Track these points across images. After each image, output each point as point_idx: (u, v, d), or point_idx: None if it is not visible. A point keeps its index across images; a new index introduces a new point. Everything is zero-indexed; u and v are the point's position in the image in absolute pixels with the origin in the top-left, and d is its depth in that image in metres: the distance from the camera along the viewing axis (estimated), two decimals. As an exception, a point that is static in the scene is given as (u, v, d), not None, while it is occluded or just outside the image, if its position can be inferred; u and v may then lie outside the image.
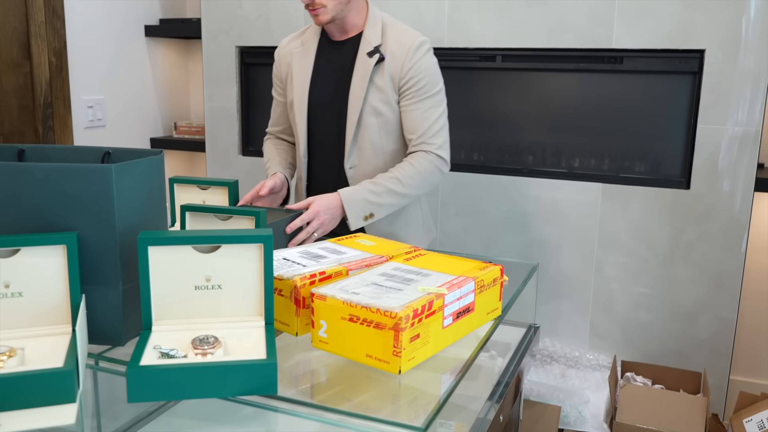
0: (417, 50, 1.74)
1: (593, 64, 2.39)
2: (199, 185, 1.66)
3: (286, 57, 1.89)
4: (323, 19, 1.72)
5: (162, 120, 3.28)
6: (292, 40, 1.91)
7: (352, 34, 1.80)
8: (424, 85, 1.74)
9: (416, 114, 1.75)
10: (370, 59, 1.74)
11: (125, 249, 1.01)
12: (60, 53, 2.61)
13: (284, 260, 1.17)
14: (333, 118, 1.81)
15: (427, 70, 1.75)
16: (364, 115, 1.76)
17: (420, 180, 1.73)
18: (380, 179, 1.71)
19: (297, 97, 1.84)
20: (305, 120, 1.83)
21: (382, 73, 1.74)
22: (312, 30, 1.87)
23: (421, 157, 1.74)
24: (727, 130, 2.24)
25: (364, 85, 1.74)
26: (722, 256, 2.30)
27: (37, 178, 0.97)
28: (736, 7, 2.17)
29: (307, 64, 1.83)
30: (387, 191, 1.70)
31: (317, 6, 1.70)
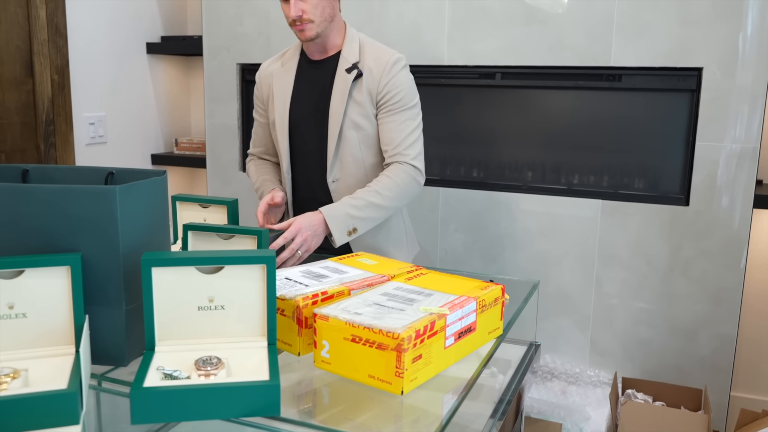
0: (393, 66, 1.80)
1: (592, 81, 2.41)
2: (200, 203, 1.68)
3: (267, 78, 1.94)
4: (309, 35, 1.77)
5: (163, 136, 3.29)
6: (272, 62, 1.97)
7: (331, 53, 1.86)
8: (400, 99, 1.80)
9: (392, 126, 1.81)
10: (349, 75, 1.80)
11: (129, 269, 1.01)
12: (62, 71, 2.63)
13: (286, 280, 1.18)
14: (314, 134, 1.86)
15: (402, 85, 1.81)
16: (344, 129, 1.81)
17: (398, 191, 1.77)
18: (360, 194, 1.74)
19: (278, 115, 1.89)
20: (287, 136, 1.88)
21: (360, 88, 1.80)
22: (291, 52, 1.93)
23: (397, 169, 1.79)
24: (726, 146, 2.25)
25: (343, 100, 1.79)
26: (722, 273, 2.31)
27: (42, 199, 0.98)
28: (733, 25, 2.19)
29: (287, 83, 1.89)
30: (368, 204, 1.73)
31: (305, 21, 1.74)
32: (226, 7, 2.88)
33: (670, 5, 2.25)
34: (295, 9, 1.73)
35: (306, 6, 1.74)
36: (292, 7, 1.73)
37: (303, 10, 1.73)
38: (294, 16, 1.73)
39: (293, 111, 1.88)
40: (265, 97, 1.96)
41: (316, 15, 1.75)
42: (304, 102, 1.87)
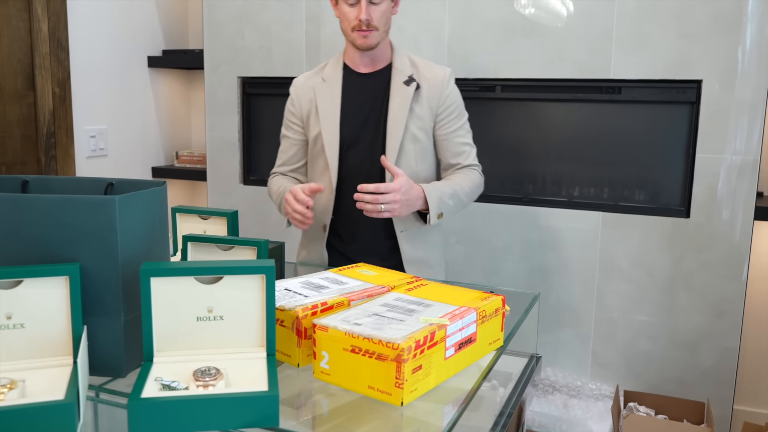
0: (449, 80, 1.85)
1: (592, 94, 2.41)
2: (200, 215, 1.67)
3: (307, 93, 1.88)
4: (371, 42, 1.76)
5: (164, 149, 3.30)
6: (311, 77, 1.91)
7: (379, 66, 1.85)
8: (459, 112, 1.87)
9: (458, 140, 1.87)
10: (408, 87, 1.79)
11: (127, 280, 1.01)
12: (64, 84, 2.64)
13: (286, 290, 1.17)
14: (365, 149, 1.82)
15: (458, 98, 1.88)
16: (405, 143, 1.80)
17: (474, 190, 1.86)
18: (445, 184, 1.78)
19: (326, 131, 1.83)
20: (337, 153, 1.83)
21: (419, 101, 1.81)
22: (331, 66, 1.89)
23: (471, 172, 1.87)
24: (726, 159, 2.25)
25: (404, 112, 1.79)
26: (723, 285, 2.30)
27: (41, 209, 0.98)
28: (732, 37, 2.19)
29: (334, 97, 1.84)
30: (454, 194, 1.77)
31: (371, 28, 1.73)
32: (228, 21, 2.90)
33: (670, 18, 2.26)
34: (366, 12, 1.71)
35: (375, 12, 1.73)
36: (363, 11, 1.71)
37: (372, 15, 1.73)
38: (364, 19, 1.71)
39: (344, 126, 1.83)
40: (304, 113, 1.90)
41: (381, 23, 1.75)
42: (355, 116, 1.83)
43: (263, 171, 3.02)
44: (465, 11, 2.50)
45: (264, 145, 3.00)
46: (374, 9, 1.73)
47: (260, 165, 3.02)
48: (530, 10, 2.41)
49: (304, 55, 2.78)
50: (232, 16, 2.89)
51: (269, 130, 2.99)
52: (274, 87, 2.91)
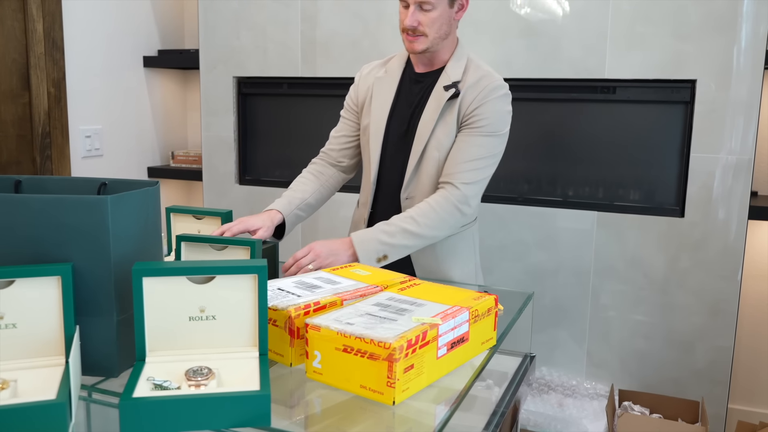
0: (492, 91, 1.70)
1: (586, 94, 2.42)
2: (194, 215, 1.67)
3: (368, 81, 1.86)
4: (418, 48, 1.69)
5: (159, 149, 3.30)
6: (376, 67, 1.88)
7: (435, 67, 1.78)
8: (484, 125, 1.70)
9: (461, 146, 1.71)
10: (445, 93, 1.71)
11: (120, 280, 1.01)
12: (59, 84, 2.64)
13: (279, 290, 1.18)
14: (399, 148, 1.79)
15: (492, 112, 1.70)
16: (428, 148, 1.73)
17: (436, 219, 1.66)
18: (395, 219, 1.66)
19: (374, 123, 1.80)
20: (380, 146, 1.80)
21: (452, 109, 1.71)
22: (397, 59, 1.85)
23: (440, 196, 1.69)
24: (721, 158, 2.26)
25: (434, 118, 1.72)
26: (718, 284, 2.30)
27: (34, 209, 0.98)
28: (727, 37, 2.20)
29: (389, 92, 1.81)
30: (401, 231, 1.63)
31: (418, 33, 1.67)
32: (223, 21, 2.90)
33: (664, 18, 2.26)
34: (412, 19, 1.65)
35: (424, 18, 1.66)
36: (410, 16, 1.65)
37: (420, 21, 1.66)
38: (409, 25, 1.66)
39: (390, 122, 1.80)
40: (361, 100, 1.87)
41: (432, 30, 1.67)
42: (400, 115, 1.79)
43: (259, 171, 3.02)
44: (460, 11, 2.50)
45: (259, 145, 3.00)
46: (423, 15, 1.65)
47: (256, 165, 3.02)
48: (526, 10, 2.41)
49: (300, 55, 2.78)
50: (228, 16, 2.89)
51: (265, 129, 2.99)
52: (270, 87, 2.91)
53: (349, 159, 1.94)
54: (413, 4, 1.65)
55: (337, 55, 2.70)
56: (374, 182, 1.82)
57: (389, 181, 1.82)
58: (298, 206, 1.80)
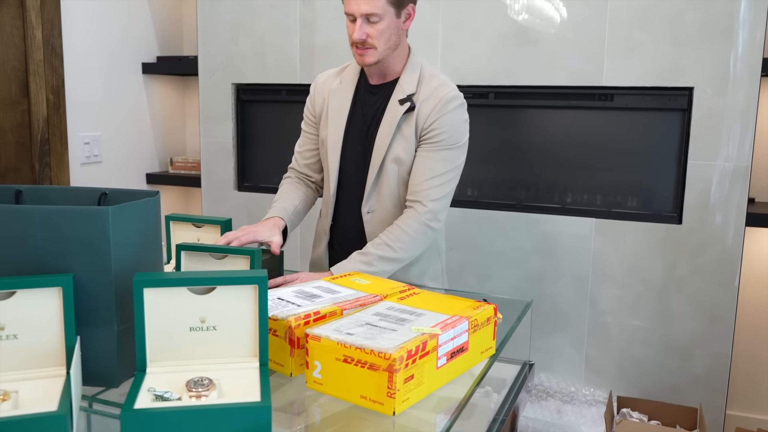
0: (447, 104, 1.70)
1: (584, 101, 2.43)
2: (193, 223, 1.68)
3: (323, 93, 1.85)
4: (368, 61, 1.68)
5: (158, 155, 3.30)
6: (331, 76, 1.87)
7: (389, 79, 1.77)
8: (444, 138, 1.70)
9: (425, 162, 1.71)
10: (401, 107, 1.71)
11: (121, 290, 1.02)
12: (58, 91, 2.64)
13: (279, 300, 1.18)
14: (358, 162, 1.79)
15: (451, 124, 1.70)
16: (386, 162, 1.73)
17: (409, 242, 1.68)
18: (370, 248, 1.66)
19: (332, 136, 1.80)
20: (338, 159, 1.79)
21: (410, 122, 1.71)
22: (351, 69, 1.84)
23: (410, 217, 1.70)
24: (718, 165, 2.26)
25: (390, 132, 1.71)
26: (716, 291, 2.31)
27: (36, 220, 0.98)
28: (724, 44, 2.21)
29: (344, 104, 1.80)
30: (378, 259, 1.65)
31: (368, 46, 1.66)
32: (222, 28, 2.90)
33: (661, 26, 2.27)
34: (360, 32, 1.64)
35: (372, 31, 1.65)
36: (357, 30, 1.64)
37: (368, 34, 1.65)
38: (357, 39, 1.65)
39: (347, 135, 1.79)
40: (318, 111, 1.86)
41: (381, 42, 1.66)
42: (357, 127, 1.79)
43: (258, 177, 3.02)
44: (458, 19, 2.51)
45: (258, 152, 3.01)
46: (371, 28, 1.64)
47: (254, 171, 3.03)
48: (524, 16, 2.42)
49: (298, 62, 2.79)
50: (227, 23, 2.89)
51: (263, 136, 2.99)
52: (269, 93, 2.91)
53: (315, 173, 1.94)
54: (360, 17, 1.63)
55: (335, 62, 2.70)
56: (334, 195, 1.83)
57: (349, 194, 1.82)
58: (293, 212, 1.82)
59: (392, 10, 1.65)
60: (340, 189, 1.83)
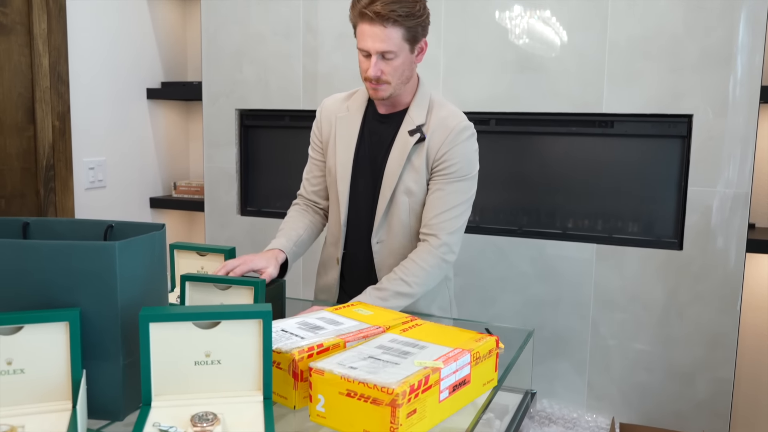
0: (458, 134, 1.70)
1: (585, 128, 2.45)
2: (197, 251, 1.69)
3: (329, 118, 1.85)
4: (382, 95, 1.69)
5: (162, 180, 3.32)
6: (338, 102, 1.86)
7: (398, 108, 1.77)
8: (456, 170, 1.70)
9: (438, 195, 1.71)
10: (411, 138, 1.70)
11: (126, 324, 1.03)
12: (63, 117, 2.67)
13: (282, 332, 1.19)
14: (368, 192, 1.78)
15: (462, 155, 1.71)
16: (397, 194, 1.73)
17: (425, 276, 1.69)
18: (386, 283, 1.67)
19: (340, 164, 1.79)
20: (347, 188, 1.79)
21: (420, 153, 1.71)
22: (359, 96, 1.83)
23: (425, 252, 1.70)
24: (718, 191, 2.28)
25: (401, 164, 1.71)
26: (717, 317, 2.32)
27: (43, 254, 1.00)
28: (722, 72, 2.23)
29: (353, 133, 1.79)
30: (393, 295, 1.65)
31: (382, 82, 1.66)
32: (226, 54, 2.94)
33: (660, 54, 2.30)
34: (375, 69, 1.63)
35: (387, 67, 1.64)
36: (372, 67, 1.64)
37: (383, 71, 1.64)
38: (372, 75, 1.64)
39: (356, 165, 1.78)
40: (325, 137, 1.85)
41: (395, 77, 1.66)
42: (365, 156, 1.78)
43: (260, 202, 3.04)
44: (459, 46, 2.54)
45: (261, 177, 3.03)
46: (386, 64, 1.64)
47: (257, 196, 3.04)
48: (524, 41, 2.45)
49: (302, 89, 2.82)
50: (231, 50, 2.93)
51: (266, 161, 3.02)
52: (272, 119, 2.94)
53: (323, 200, 1.94)
54: (375, 54, 1.63)
55: (338, 89, 2.72)
56: (344, 224, 1.82)
57: (359, 224, 1.81)
58: (296, 242, 1.80)
59: (407, 46, 1.66)
60: (350, 218, 1.82)
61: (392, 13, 1.59)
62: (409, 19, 1.62)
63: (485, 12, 2.50)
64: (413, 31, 1.65)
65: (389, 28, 1.61)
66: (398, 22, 1.61)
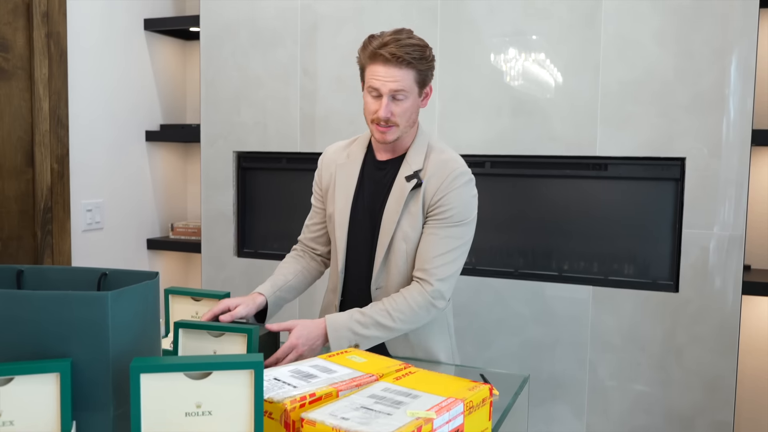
0: (454, 180, 1.70)
1: (579, 170, 2.47)
2: (192, 296, 1.69)
3: (330, 167, 1.86)
4: (390, 138, 1.69)
5: (159, 221, 3.33)
6: (339, 151, 1.87)
7: (397, 154, 1.78)
8: (451, 215, 1.70)
9: (432, 239, 1.71)
10: (408, 183, 1.71)
11: (118, 373, 1.02)
12: (62, 160, 2.69)
13: (275, 380, 1.18)
14: (366, 239, 1.78)
15: (457, 201, 1.71)
16: (395, 240, 1.73)
17: (410, 315, 1.68)
18: (369, 310, 1.66)
19: (339, 212, 1.80)
20: (345, 235, 1.79)
21: (417, 199, 1.71)
22: (359, 143, 1.85)
23: (415, 291, 1.69)
24: (713, 234, 2.29)
25: (398, 210, 1.71)
26: (715, 360, 2.30)
27: (35, 305, 1.00)
28: (714, 115, 2.26)
29: (351, 180, 1.80)
30: (375, 324, 1.65)
31: (391, 124, 1.66)
32: (224, 97, 2.97)
33: (652, 97, 2.33)
34: (386, 110, 1.64)
35: (397, 109, 1.65)
36: (383, 108, 1.64)
37: (393, 112, 1.65)
38: (383, 116, 1.64)
39: (354, 212, 1.79)
40: (325, 185, 1.87)
41: (403, 120, 1.67)
42: (364, 203, 1.79)
43: (257, 244, 3.05)
44: (455, 89, 2.58)
45: (258, 219, 3.04)
46: (397, 105, 1.65)
47: (254, 238, 3.05)
48: (519, 83, 2.49)
49: (299, 131, 2.85)
50: (229, 93, 2.97)
51: (263, 203, 3.03)
52: (269, 161, 2.96)
53: (322, 246, 1.94)
54: (386, 94, 1.64)
55: (335, 132, 2.76)
56: (342, 271, 1.82)
57: (357, 271, 1.81)
58: (281, 288, 1.80)
59: (416, 89, 1.68)
60: (349, 265, 1.82)
61: (407, 55, 1.62)
62: (421, 62, 1.66)
63: (480, 55, 2.54)
64: (424, 75, 1.69)
65: (403, 70, 1.64)
66: (412, 64, 1.64)
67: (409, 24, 2.54)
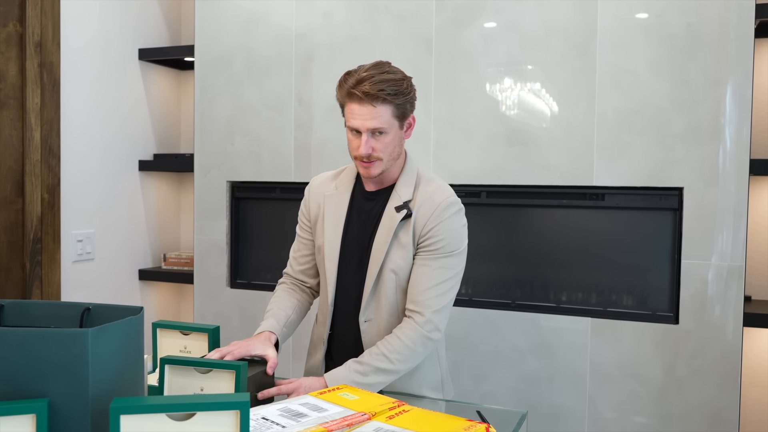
0: (444, 210, 1.69)
1: (576, 200, 2.44)
2: (181, 330, 1.65)
3: (317, 198, 1.84)
4: (374, 173, 1.68)
5: (152, 251, 3.29)
6: (326, 181, 1.86)
7: (386, 185, 1.77)
8: (442, 246, 1.68)
9: (423, 270, 1.69)
10: (397, 214, 1.69)
11: (97, 413, 0.98)
12: (53, 190, 2.66)
13: (263, 420, 1.14)
14: (355, 270, 1.76)
15: (449, 232, 1.69)
16: (384, 271, 1.70)
17: (408, 354, 1.65)
18: (366, 358, 1.63)
19: (328, 243, 1.77)
20: (335, 267, 1.76)
21: (407, 230, 1.69)
22: (347, 174, 1.83)
23: (410, 329, 1.67)
24: (712, 264, 2.26)
25: (387, 241, 1.69)
26: (717, 393, 2.26)
27: (12, 343, 0.96)
28: (711, 144, 2.24)
29: (340, 212, 1.78)
30: (374, 370, 1.62)
31: (373, 159, 1.66)
32: (218, 127, 2.96)
33: (648, 127, 2.32)
34: (366, 147, 1.64)
35: (378, 144, 1.65)
36: (363, 145, 1.64)
37: (374, 148, 1.65)
38: (364, 153, 1.65)
39: (344, 243, 1.76)
40: (313, 216, 1.85)
41: (386, 154, 1.66)
42: (353, 235, 1.77)
43: (250, 274, 3.01)
44: (450, 119, 2.56)
45: (252, 249, 3.00)
46: (377, 141, 1.65)
47: (247, 268, 3.01)
48: (514, 112, 2.47)
49: (293, 161, 2.83)
50: (223, 122, 2.95)
51: (257, 233, 3.00)
52: (263, 191, 2.94)
53: (311, 278, 1.91)
54: (365, 132, 1.64)
55: (329, 161, 2.74)
56: (332, 303, 1.79)
57: (346, 303, 1.78)
58: (285, 324, 1.77)
59: (396, 123, 1.67)
60: (338, 297, 1.79)
61: (381, 92, 1.60)
62: (397, 97, 1.64)
63: (476, 85, 2.53)
64: (402, 108, 1.67)
65: (378, 107, 1.62)
66: (387, 101, 1.62)
67: (404, 54, 2.55)
